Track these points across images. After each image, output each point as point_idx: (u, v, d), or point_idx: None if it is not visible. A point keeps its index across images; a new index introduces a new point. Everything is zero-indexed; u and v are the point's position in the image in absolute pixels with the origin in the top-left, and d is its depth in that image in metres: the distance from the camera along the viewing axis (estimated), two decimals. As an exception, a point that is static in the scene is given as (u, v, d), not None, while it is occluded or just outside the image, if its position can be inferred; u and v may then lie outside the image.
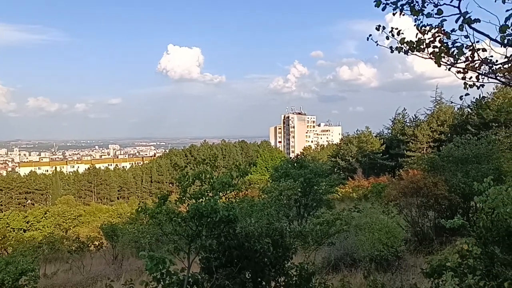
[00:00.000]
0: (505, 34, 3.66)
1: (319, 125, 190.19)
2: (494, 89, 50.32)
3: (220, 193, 6.47)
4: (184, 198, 6.48)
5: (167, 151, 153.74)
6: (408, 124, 67.07)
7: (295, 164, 27.14)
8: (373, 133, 71.79)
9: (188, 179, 6.34)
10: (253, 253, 7.30)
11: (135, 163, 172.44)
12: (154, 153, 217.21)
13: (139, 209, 6.55)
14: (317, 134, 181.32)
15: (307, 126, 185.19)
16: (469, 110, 55.79)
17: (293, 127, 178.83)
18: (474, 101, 49.72)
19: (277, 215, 14.49)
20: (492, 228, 7.05)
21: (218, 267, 7.28)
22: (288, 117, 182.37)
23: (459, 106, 58.12)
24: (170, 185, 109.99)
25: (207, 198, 6.23)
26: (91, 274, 19.85)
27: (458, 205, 17.35)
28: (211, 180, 6.45)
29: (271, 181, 27.85)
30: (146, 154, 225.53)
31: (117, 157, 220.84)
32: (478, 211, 7.19)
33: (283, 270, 7.98)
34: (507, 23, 3.42)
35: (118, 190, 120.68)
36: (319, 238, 12.09)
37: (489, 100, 48.93)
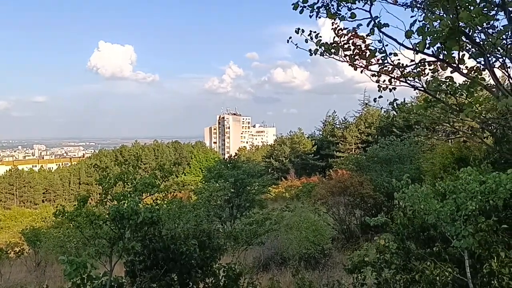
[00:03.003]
0: (417, 42, 3.87)
1: (254, 126, 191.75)
2: (417, 93, 53.46)
3: (144, 194, 6.29)
4: (106, 200, 6.23)
5: (97, 151, 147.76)
6: (338, 126, 69.47)
7: (228, 165, 27.19)
8: (305, 134, 73.70)
9: (109, 180, 6.10)
10: (179, 255, 7.18)
11: (62, 164, 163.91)
12: (83, 153, 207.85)
13: (56, 212, 6.21)
14: (252, 135, 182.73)
15: (242, 127, 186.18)
16: (394, 113, 58.73)
17: (228, 128, 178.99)
18: (388, 104, 52.36)
19: (208, 216, 14.41)
20: (408, 224, 7.45)
21: (143, 270, 7.09)
22: (224, 117, 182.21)
23: (385, 109, 60.97)
24: (100, 187, 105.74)
25: (129, 199, 6.04)
26: (10, 283, 18.56)
27: (382, 203, 18.17)
28: (134, 181, 6.25)
29: (204, 182, 27.69)
30: (75, 155, 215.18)
31: (43, 157, 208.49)
32: (396, 209, 7.61)
33: (211, 271, 7.93)
34: (411, 28, 3.62)
35: (44, 193, 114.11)
36: (249, 238, 12.19)
37: (412, 103, 51.91)
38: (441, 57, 3.71)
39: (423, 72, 4.27)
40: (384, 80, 4.38)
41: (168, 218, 9.31)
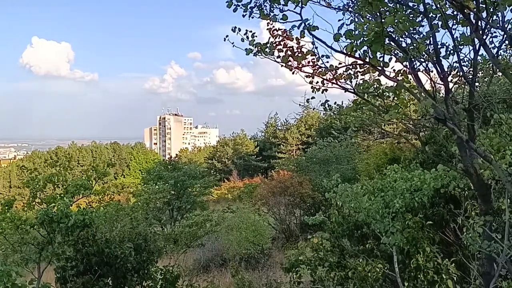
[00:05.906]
0: (346, 45, 4.01)
1: (196, 127, 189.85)
2: (354, 96, 55.22)
3: (76, 197, 6.03)
4: (34, 203, 5.91)
5: (30, 153, 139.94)
6: (280, 128, 70.53)
7: (168, 167, 26.77)
8: (248, 135, 74.31)
9: (38, 182, 5.80)
10: (114, 258, 6.98)
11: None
12: (15, 155, 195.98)
13: (-22, 218, 5.81)
14: (195, 136, 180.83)
15: (184, 127, 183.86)
16: (332, 114, 60.31)
17: (170, 129, 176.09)
18: (320, 105, 54.16)
19: (146, 219, 14.11)
20: (343, 222, 7.70)
21: (75, 276, 6.81)
22: (165, 118, 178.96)
23: (318, 110, 62.61)
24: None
25: (59, 201, 5.76)
26: None
27: (321, 202, 18.63)
28: (65, 183, 5.98)
29: (143, 184, 27.11)
30: (5, 157, 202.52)
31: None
32: (331, 208, 7.86)
33: (147, 275, 7.79)
34: (339, 32, 3.76)
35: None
36: (189, 240, 12.08)
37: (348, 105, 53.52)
38: (367, 60, 3.87)
39: (354, 75, 4.43)
40: (317, 82, 4.51)
41: (104, 221, 9.01)
